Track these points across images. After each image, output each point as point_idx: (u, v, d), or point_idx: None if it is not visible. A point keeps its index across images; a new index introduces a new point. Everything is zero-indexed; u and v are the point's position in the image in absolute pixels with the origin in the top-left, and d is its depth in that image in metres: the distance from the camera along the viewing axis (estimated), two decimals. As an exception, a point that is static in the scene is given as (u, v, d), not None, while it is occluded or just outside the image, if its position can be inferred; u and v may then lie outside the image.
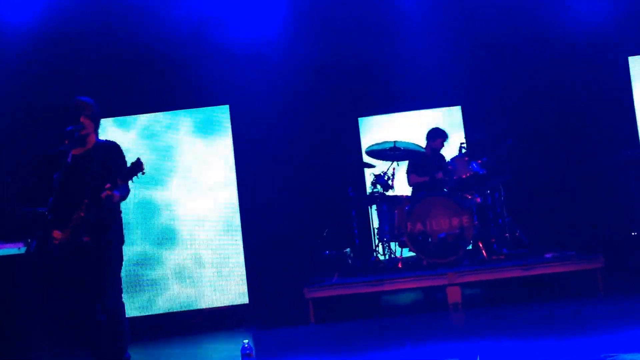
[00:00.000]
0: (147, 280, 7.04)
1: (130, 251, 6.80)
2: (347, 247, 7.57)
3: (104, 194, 4.04)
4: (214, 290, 6.86)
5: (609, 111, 7.63)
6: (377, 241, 7.31)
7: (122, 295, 4.38)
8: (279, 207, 8.10)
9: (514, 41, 8.03)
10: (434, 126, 7.66)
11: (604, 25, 7.55)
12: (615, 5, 7.53)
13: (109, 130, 6.97)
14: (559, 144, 7.98)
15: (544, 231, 7.57)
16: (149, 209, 7.31)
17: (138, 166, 4.10)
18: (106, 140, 4.48)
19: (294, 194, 8.10)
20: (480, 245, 6.78)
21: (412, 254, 6.92)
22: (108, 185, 4.06)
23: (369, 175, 7.55)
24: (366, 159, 7.64)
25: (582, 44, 7.72)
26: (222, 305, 6.87)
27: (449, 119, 8.31)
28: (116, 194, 4.10)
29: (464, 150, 7.12)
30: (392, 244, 7.22)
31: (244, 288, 6.86)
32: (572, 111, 7.95)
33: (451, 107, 8.41)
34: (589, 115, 7.85)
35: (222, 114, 7.05)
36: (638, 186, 7.15)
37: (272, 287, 7.64)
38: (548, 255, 6.33)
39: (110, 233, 4.28)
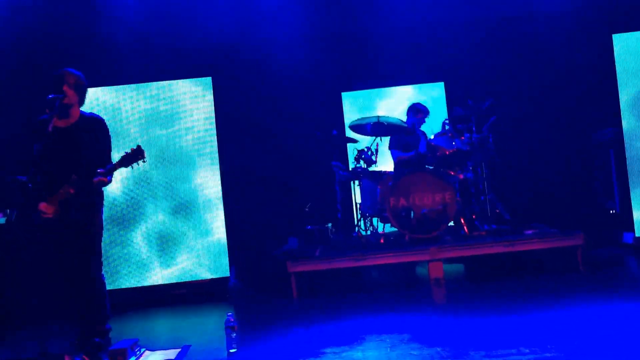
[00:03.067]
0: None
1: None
2: (329, 222, 7.58)
3: (97, 179, 4.08)
4: (197, 263, 6.84)
5: (592, 89, 7.68)
6: (359, 216, 7.32)
7: (102, 268, 4.40)
8: (261, 181, 8.08)
9: (499, 17, 8.03)
10: (415, 101, 7.66)
11: (589, 2, 7.56)
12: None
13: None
14: (542, 121, 8.03)
15: (526, 208, 7.64)
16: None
17: (139, 153, 4.15)
18: (91, 113, 4.43)
19: (276, 167, 8.07)
20: (462, 222, 6.82)
21: (394, 229, 6.95)
22: (101, 171, 4.10)
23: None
24: (350, 133, 7.63)
25: (566, 21, 7.73)
26: (205, 278, 6.85)
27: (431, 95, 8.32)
28: (108, 180, 4.16)
29: (447, 127, 7.12)
30: (374, 219, 7.24)
31: (226, 261, 6.84)
32: (555, 89, 7.99)
33: (434, 83, 8.42)
34: (573, 93, 7.89)
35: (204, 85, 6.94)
36: (618, 164, 7.22)
37: (254, 261, 7.64)
38: (529, 232, 6.39)
39: (95, 208, 4.30)
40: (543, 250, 6.23)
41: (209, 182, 6.90)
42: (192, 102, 6.94)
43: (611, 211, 7.51)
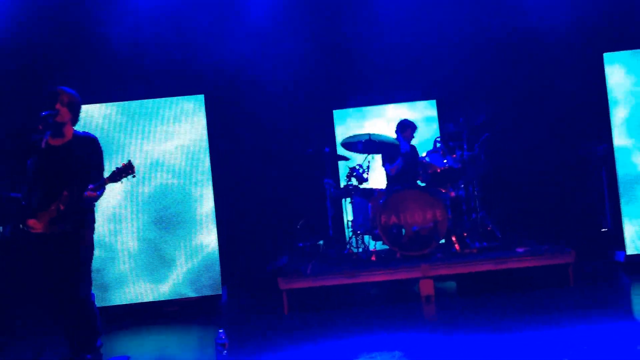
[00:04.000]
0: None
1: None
2: (321, 239, 7.58)
3: (87, 194, 4.10)
4: (189, 280, 6.81)
5: (583, 106, 7.73)
6: (350, 233, 7.33)
7: (92, 284, 4.39)
8: (254, 198, 8.09)
9: (490, 35, 8.09)
10: (403, 118, 7.71)
11: (581, 21, 7.64)
12: (593, 3, 7.62)
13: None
14: (533, 138, 8.06)
15: (518, 225, 7.67)
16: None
17: (129, 168, 4.20)
18: (85, 132, 4.44)
19: (268, 185, 8.09)
20: (454, 239, 6.83)
21: (385, 246, 6.95)
22: (92, 186, 4.13)
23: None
24: (341, 151, 7.66)
25: (559, 39, 7.80)
26: (197, 295, 6.82)
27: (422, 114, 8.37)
28: (98, 195, 4.19)
29: (438, 145, 7.16)
30: (366, 237, 7.25)
31: (218, 278, 6.81)
32: (547, 106, 8.04)
33: (427, 101, 8.47)
34: (564, 111, 7.94)
35: (196, 103, 6.96)
36: (609, 182, 7.26)
37: (247, 278, 7.63)
38: (520, 250, 6.40)
39: (85, 225, 4.30)
40: (535, 268, 6.24)
41: (201, 199, 6.89)
42: (185, 119, 6.95)
43: (603, 229, 7.53)
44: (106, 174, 4.27)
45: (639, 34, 7.33)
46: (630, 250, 6.83)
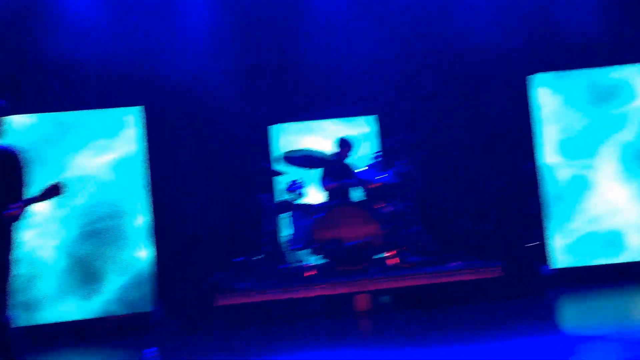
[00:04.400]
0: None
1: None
2: (257, 255, 7.54)
3: (7, 213, 3.89)
4: (121, 297, 6.64)
5: (514, 125, 7.97)
6: (287, 249, 7.31)
7: (8, 308, 4.14)
8: (190, 214, 7.97)
9: (428, 54, 8.27)
10: (343, 135, 7.78)
11: (509, 44, 7.90)
12: (519, 27, 7.90)
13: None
14: (468, 154, 8.26)
15: (453, 239, 7.82)
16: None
17: (56, 190, 4.01)
18: (6, 146, 4.21)
19: (206, 200, 8.00)
20: (390, 254, 6.91)
21: (323, 261, 6.97)
22: (13, 206, 3.91)
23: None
24: (279, 166, 7.65)
25: (490, 60, 8.03)
26: (129, 313, 6.65)
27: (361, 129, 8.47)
28: (19, 214, 3.95)
29: (376, 160, 7.25)
30: (303, 252, 7.25)
31: (150, 295, 6.66)
32: (481, 123, 8.26)
33: (365, 117, 8.57)
34: (496, 128, 8.17)
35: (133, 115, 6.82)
36: (536, 198, 7.51)
37: (181, 295, 7.49)
38: (453, 264, 6.55)
39: (4, 245, 4.05)
40: (467, 282, 6.39)
41: (136, 213, 6.74)
42: (122, 131, 6.81)
43: (531, 243, 7.77)
44: (32, 192, 4.06)
45: (563, 56, 7.64)
46: (555, 264, 7.09)
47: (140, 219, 6.71)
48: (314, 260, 7.19)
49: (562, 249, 7.12)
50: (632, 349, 4.21)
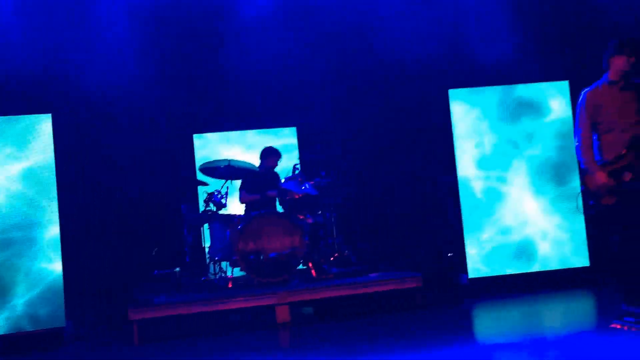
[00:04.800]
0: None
1: None
2: (177, 266, 7.40)
3: None
4: (30, 312, 6.33)
5: (432, 139, 8.18)
6: (208, 260, 7.22)
7: None
8: (107, 224, 7.76)
9: (350, 68, 8.40)
10: (268, 145, 7.78)
11: (429, 59, 8.12)
12: (439, 43, 8.13)
13: None
14: (389, 166, 8.42)
15: (373, 250, 7.92)
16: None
17: None
18: None
19: (123, 210, 7.80)
20: (310, 265, 6.93)
21: (243, 273, 6.92)
22: None
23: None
24: (200, 176, 7.57)
25: (411, 75, 8.23)
26: (38, 329, 6.34)
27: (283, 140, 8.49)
28: None
29: (297, 171, 7.28)
30: (224, 263, 7.17)
31: (62, 309, 6.38)
32: (401, 137, 8.44)
33: (287, 128, 8.60)
34: (416, 142, 8.37)
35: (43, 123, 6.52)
36: (454, 210, 7.71)
37: (96, 308, 7.26)
38: (373, 275, 6.64)
39: None
40: (387, 292, 6.48)
41: (46, 225, 6.45)
42: (31, 139, 6.50)
43: (449, 254, 7.97)
44: None
45: (478, 73, 7.90)
46: (472, 273, 7.30)
47: (52, 230, 6.44)
48: (234, 272, 7.13)
49: (478, 259, 7.34)
50: (543, 355, 4.38)
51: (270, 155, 7.60)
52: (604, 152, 5.01)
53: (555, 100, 7.54)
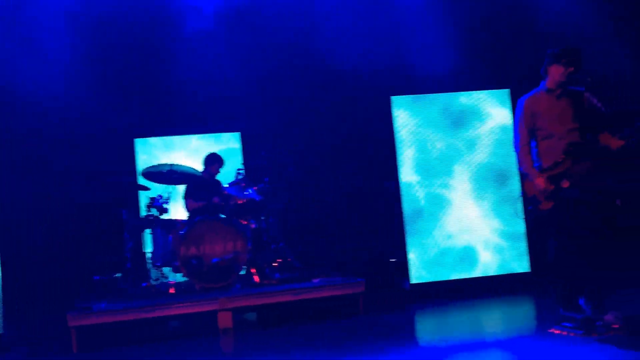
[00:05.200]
0: None
1: None
2: (118, 272, 7.24)
3: None
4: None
5: (376, 145, 8.25)
6: (150, 266, 7.08)
7: None
8: (45, 230, 7.54)
9: (294, 75, 8.39)
10: (211, 151, 7.70)
11: (373, 65, 8.18)
12: (383, 51, 8.21)
13: None
14: (332, 173, 8.44)
15: (316, 256, 7.93)
16: None
17: None
18: None
19: (61, 215, 7.59)
20: (253, 270, 6.89)
21: (185, 278, 6.81)
22: None
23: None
24: (142, 181, 7.43)
25: (354, 82, 8.27)
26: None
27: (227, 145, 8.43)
28: None
29: (241, 176, 7.23)
30: (166, 269, 7.05)
31: (1, 316, 6.15)
32: (345, 143, 8.46)
33: (231, 133, 8.53)
34: (360, 148, 8.41)
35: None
36: (396, 216, 7.78)
37: (35, 315, 7.03)
38: (316, 281, 6.63)
39: None
40: (330, 297, 6.49)
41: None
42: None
43: (392, 259, 8.04)
44: None
45: (421, 80, 8.01)
46: (414, 279, 7.38)
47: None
48: (176, 277, 7.02)
49: (420, 265, 7.42)
50: (492, 355, 4.46)
51: (213, 161, 7.53)
52: (542, 159, 5.14)
53: (496, 108, 7.72)
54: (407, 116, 7.57)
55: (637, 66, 7.55)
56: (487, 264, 7.57)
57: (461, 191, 7.63)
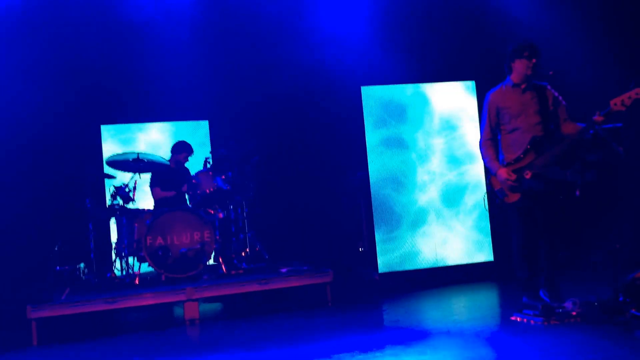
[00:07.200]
0: None
1: None
2: (81, 262, 7.13)
3: None
4: None
5: (345, 136, 8.23)
6: (115, 256, 6.99)
7: None
8: (5, 219, 7.37)
9: (263, 63, 8.31)
10: (179, 139, 7.62)
11: (343, 55, 8.16)
12: (353, 41, 8.19)
13: None
14: (300, 163, 8.40)
15: (284, 246, 7.91)
16: None
17: None
18: None
19: (22, 204, 7.43)
20: (221, 260, 6.84)
21: (151, 269, 6.74)
22: None
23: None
24: (107, 169, 7.31)
25: (325, 71, 8.23)
26: None
27: (195, 134, 8.34)
28: None
29: (209, 165, 7.16)
30: (131, 259, 6.96)
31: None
32: (313, 134, 8.44)
33: (199, 121, 8.44)
34: (328, 139, 8.38)
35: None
36: (365, 207, 7.81)
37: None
38: (284, 270, 6.61)
39: None
40: (298, 287, 6.48)
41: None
42: None
43: (360, 249, 8.07)
44: None
45: (390, 71, 8.01)
46: (381, 269, 7.42)
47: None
48: (142, 267, 6.94)
49: (387, 255, 7.46)
50: (445, 348, 4.50)
51: (182, 149, 7.45)
52: (506, 152, 5.22)
53: (465, 100, 7.79)
54: (374, 105, 7.60)
55: (597, 60, 7.65)
56: (453, 254, 7.64)
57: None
